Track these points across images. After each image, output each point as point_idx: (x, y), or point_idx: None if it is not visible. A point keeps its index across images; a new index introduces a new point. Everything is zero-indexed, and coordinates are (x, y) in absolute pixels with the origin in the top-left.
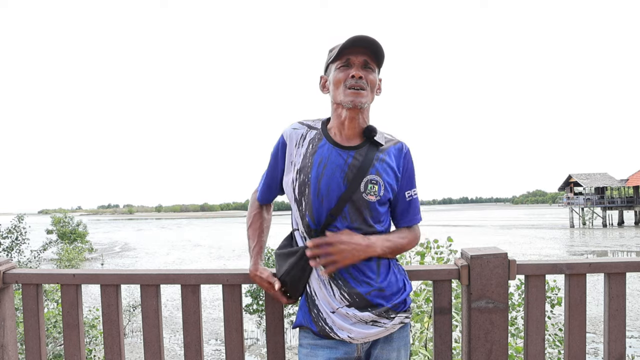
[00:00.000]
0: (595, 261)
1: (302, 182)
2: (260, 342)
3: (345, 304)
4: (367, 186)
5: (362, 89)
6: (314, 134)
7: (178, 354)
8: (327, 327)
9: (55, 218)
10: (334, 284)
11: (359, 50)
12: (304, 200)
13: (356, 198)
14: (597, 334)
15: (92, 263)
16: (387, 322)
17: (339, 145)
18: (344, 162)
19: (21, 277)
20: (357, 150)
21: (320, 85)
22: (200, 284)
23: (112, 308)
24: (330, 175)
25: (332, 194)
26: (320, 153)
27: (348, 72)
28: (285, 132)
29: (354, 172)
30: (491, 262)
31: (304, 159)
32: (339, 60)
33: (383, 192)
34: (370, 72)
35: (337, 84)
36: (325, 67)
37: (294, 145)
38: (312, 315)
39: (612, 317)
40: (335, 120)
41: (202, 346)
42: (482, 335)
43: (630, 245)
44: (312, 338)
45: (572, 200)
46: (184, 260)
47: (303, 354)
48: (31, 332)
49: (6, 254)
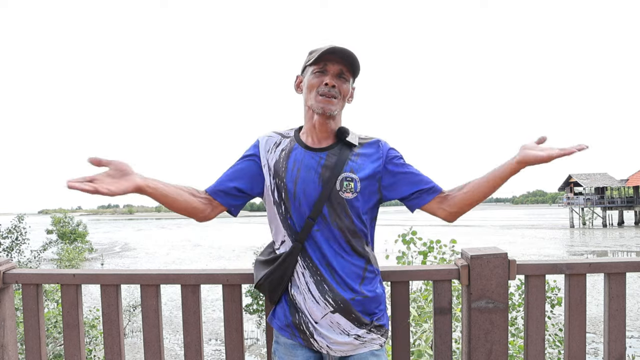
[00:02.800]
0: (595, 261)
1: (279, 186)
2: (260, 342)
3: (330, 310)
4: (342, 184)
5: (333, 97)
6: (287, 141)
7: (178, 354)
8: (307, 333)
9: (55, 218)
10: (318, 289)
11: (336, 59)
12: (282, 204)
13: (333, 197)
14: (597, 334)
15: (92, 263)
16: (367, 336)
17: (310, 148)
18: (317, 164)
19: (21, 277)
20: (330, 151)
21: (295, 84)
22: (200, 284)
23: (112, 308)
24: (305, 178)
25: (308, 196)
26: (294, 157)
27: (322, 79)
28: (260, 137)
29: (328, 172)
30: (491, 262)
31: (276, 163)
32: (316, 65)
33: (360, 187)
34: (344, 81)
35: (310, 88)
36: (302, 68)
37: (267, 150)
38: (294, 319)
39: (612, 317)
40: (307, 124)
41: (202, 346)
42: (482, 335)
43: (630, 245)
44: (289, 336)
45: (572, 200)
46: (184, 260)
47: (281, 352)
48: (31, 332)
49: (6, 254)
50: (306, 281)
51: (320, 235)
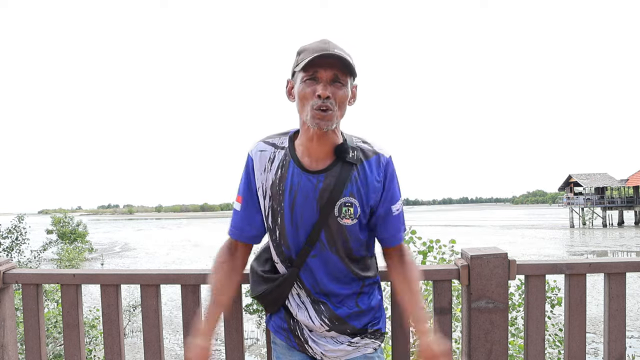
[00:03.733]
0: (595, 261)
1: (275, 211)
2: (260, 342)
3: (325, 329)
4: (341, 210)
5: (329, 109)
6: (282, 155)
7: (178, 354)
8: (302, 339)
9: (55, 218)
10: (314, 308)
11: (328, 63)
12: (277, 229)
13: (331, 223)
14: (597, 334)
15: (92, 263)
16: (361, 342)
17: (307, 170)
18: (314, 187)
19: (21, 277)
20: (327, 173)
21: (287, 90)
22: (200, 284)
23: (112, 308)
24: (303, 203)
25: (306, 221)
26: (290, 179)
27: (315, 88)
28: (251, 153)
29: (325, 197)
30: (491, 262)
31: (272, 185)
32: (305, 73)
33: (360, 213)
34: (340, 87)
35: (302, 100)
36: (292, 72)
37: (262, 169)
38: (289, 325)
39: (612, 317)
40: (303, 137)
41: None
42: (482, 335)
43: (630, 245)
44: (284, 339)
45: (572, 200)
46: (184, 260)
47: (279, 352)
48: (31, 332)
49: (6, 254)
50: (302, 300)
51: (318, 261)
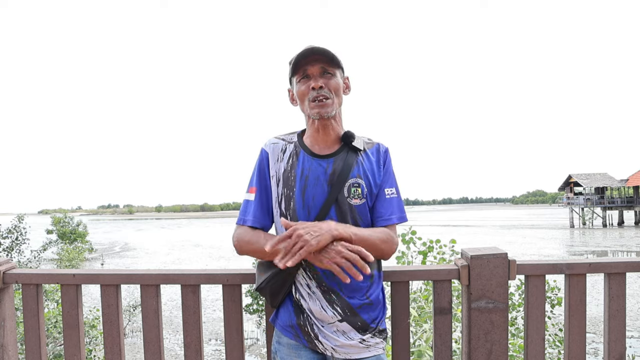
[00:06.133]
0: (595, 261)
1: (288, 196)
2: (260, 342)
3: (338, 319)
4: (350, 190)
5: (325, 98)
6: (292, 147)
7: (178, 354)
8: (312, 335)
9: (55, 218)
10: (326, 298)
11: (313, 59)
12: (289, 215)
13: (341, 204)
14: (597, 334)
15: (92, 263)
16: (372, 340)
17: (316, 155)
18: (324, 171)
19: (21, 277)
20: (336, 157)
21: (289, 98)
22: (200, 284)
23: (112, 308)
24: (314, 186)
25: (317, 203)
26: (301, 165)
27: (309, 84)
28: (266, 146)
29: (335, 179)
30: (491, 262)
31: (285, 172)
32: (297, 75)
33: (367, 194)
34: (330, 77)
35: (301, 98)
36: (289, 80)
37: (276, 159)
38: (299, 320)
39: (612, 317)
40: (310, 130)
41: (202, 346)
42: (482, 335)
43: (630, 245)
44: (292, 337)
45: (572, 200)
46: (184, 260)
47: (284, 352)
48: (31, 332)
49: (6, 254)
50: (313, 291)
51: None
